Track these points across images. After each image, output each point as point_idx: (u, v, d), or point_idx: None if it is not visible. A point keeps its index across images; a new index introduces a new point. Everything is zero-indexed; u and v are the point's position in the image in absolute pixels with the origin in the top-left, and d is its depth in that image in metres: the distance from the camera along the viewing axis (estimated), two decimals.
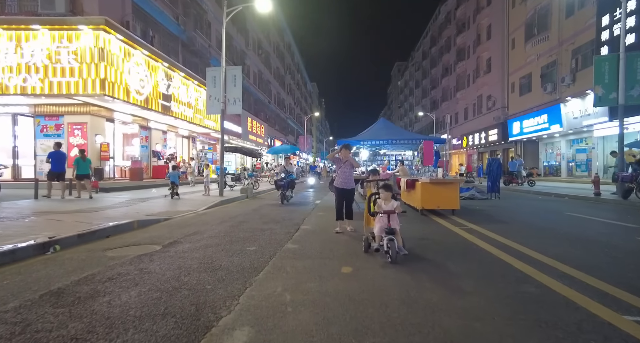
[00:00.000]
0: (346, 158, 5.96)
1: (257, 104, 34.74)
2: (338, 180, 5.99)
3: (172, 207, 9.31)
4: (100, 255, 4.37)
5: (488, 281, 3.29)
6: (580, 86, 18.59)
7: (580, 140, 21.15)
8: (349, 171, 5.96)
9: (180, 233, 5.85)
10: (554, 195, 13.17)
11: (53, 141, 13.82)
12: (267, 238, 5.40)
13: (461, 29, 38.92)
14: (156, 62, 15.51)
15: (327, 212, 8.73)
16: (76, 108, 13.66)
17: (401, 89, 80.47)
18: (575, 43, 19.19)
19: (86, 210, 8.00)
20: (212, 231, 5.98)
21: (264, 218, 7.75)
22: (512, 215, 7.90)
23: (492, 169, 11.77)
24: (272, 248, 4.67)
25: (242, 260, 4.05)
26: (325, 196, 13.85)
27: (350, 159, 6.07)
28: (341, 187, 5.94)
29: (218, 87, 12.33)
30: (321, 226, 6.59)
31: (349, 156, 6.01)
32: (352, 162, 6.11)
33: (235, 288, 3.10)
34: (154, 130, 18.55)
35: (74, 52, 11.89)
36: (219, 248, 4.72)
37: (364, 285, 3.18)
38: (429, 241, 5.15)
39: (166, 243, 5.10)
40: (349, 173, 5.96)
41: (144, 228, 6.50)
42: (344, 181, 5.94)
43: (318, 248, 4.67)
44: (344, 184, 5.94)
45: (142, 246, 4.89)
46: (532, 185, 17.91)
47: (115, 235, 5.71)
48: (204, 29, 22.45)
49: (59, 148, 10.48)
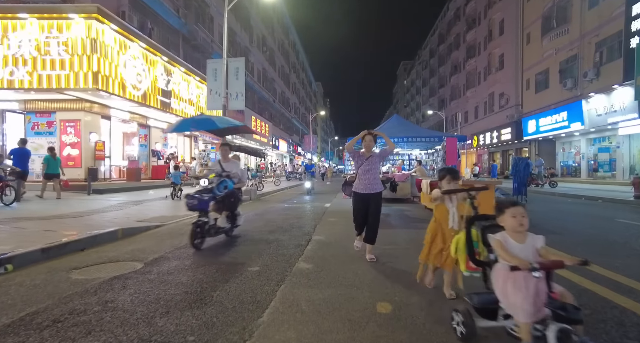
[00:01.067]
0: (370, 152, 4.31)
1: (261, 102, 33.86)
2: (359, 183, 4.25)
3: (167, 211, 8.39)
4: (63, 277, 3.43)
5: (592, 331, 2.30)
6: (605, 81, 17.43)
7: (603, 139, 19.96)
8: (375, 170, 4.26)
9: (170, 245, 4.91)
10: (584, 198, 12.08)
11: (45, 139, 13.11)
12: (273, 252, 4.43)
13: (471, 25, 37.76)
14: (155, 56, 14.64)
15: (341, 217, 7.76)
16: (69, 104, 12.81)
17: (407, 88, 79.25)
18: (599, 35, 18.01)
19: (69, 215, 7.09)
20: (207, 243, 5.02)
21: (269, 225, 6.79)
22: (559, 223, 6.81)
23: (518, 169, 10.71)
24: (280, 269, 3.70)
25: (242, 288, 3.09)
26: (334, 199, 12.87)
27: (378, 153, 4.44)
28: (362, 192, 4.20)
29: (219, 81, 11.43)
30: (336, 236, 5.61)
31: (373, 147, 4.33)
32: (381, 154, 4.52)
33: (228, 341, 2.14)
34: (154, 128, 17.68)
35: (64, 43, 11.03)
36: (212, 268, 3.77)
37: (417, 336, 2.20)
38: None
39: (150, 259, 4.16)
40: (374, 172, 4.25)
41: (130, 237, 5.58)
42: (368, 184, 4.19)
43: (338, 270, 3.68)
44: (367, 187, 4.18)
45: (120, 264, 3.96)
46: (553, 186, 16.81)
47: (93, 247, 4.78)
48: (206, 24, 21.58)
49: (23, 145, 9.63)
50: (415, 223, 7.09)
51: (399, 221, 7.36)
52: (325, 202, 11.41)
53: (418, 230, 6.11)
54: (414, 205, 10.11)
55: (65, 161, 12.87)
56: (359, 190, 4.26)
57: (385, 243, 4.92)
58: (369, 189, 4.21)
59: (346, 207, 9.95)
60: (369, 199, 4.20)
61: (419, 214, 8.34)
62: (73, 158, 12.96)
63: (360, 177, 4.27)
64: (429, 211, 8.84)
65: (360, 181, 4.26)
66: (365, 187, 4.22)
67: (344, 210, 9.09)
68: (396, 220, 7.42)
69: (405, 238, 5.49)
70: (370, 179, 4.21)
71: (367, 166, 4.22)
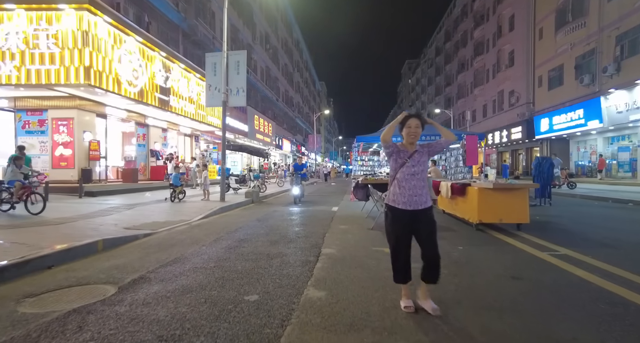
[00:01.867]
0: (415, 146, 2.84)
1: (264, 101, 33.14)
2: (398, 193, 2.76)
3: (161, 216, 7.67)
4: (6, 311, 2.68)
5: None
6: (626, 76, 16.49)
7: (623, 137, 19.02)
8: (423, 173, 2.81)
9: (156, 261, 4.17)
10: (611, 200, 11.20)
11: (36, 138, 12.46)
12: (276, 273, 3.67)
13: (479, 22, 36.80)
14: (152, 52, 13.93)
15: (352, 224, 6.99)
16: (62, 102, 12.13)
17: (412, 87, 78.25)
18: (620, 28, 17.07)
19: (49, 222, 6.38)
20: (200, 258, 4.28)
21: (271, 233, 6.03)
22: (605, 232, 5.92)
23: (542, 169, 9.87)
24: (285, 298, 2.93)
25: (234, 331, 2.32)
26: (342, 201, 12.10)
27: (427, 147, 2.90)
28: (404, 207, 2.71)
29: (219, 76, 10.69)
30: (350, 249, 4.83)
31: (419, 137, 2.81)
32: (433, 149, 2.93)
33: None
34: (152, 127, 17.00)
35: (54, 36, 10.34)
36: (201, 295, 3.01)
37: None
38: (527, 284, 3.34)
39: (127, 280, 3.42)
40: (423, 176, 2.80)
41: (111, 249, 4.85)
42: (413, 195, 2.71)
43: (360, 301, 2.90)
44: (413, 200, 2.71)
45: (88, 289, 3.22)
46: (572, 187, 15.90)
47: (64, 263, 4.06)
48: (207, 19, 20.88)
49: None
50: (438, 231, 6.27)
51: None
52: (332, 205, 10.63)
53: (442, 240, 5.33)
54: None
55: (57, 162, 12.26)
56: (398, 205, 2.71)
57: None
58: (415, 203, 2.69)
59: (356, 211, 9.21)
60: (416, 219, 2.69)
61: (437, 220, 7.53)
62: (66, 158, 12.29)
63: (400, 184, 2.75)
64: (447, 216, 8.05)
65: (401, 190, 2.73)
66: (409, 199, 2.69)
67: (355, 215, 8.32)
68: None
69: None
70: (417, 188, 2.72)
71: (412, 167, 2.74)
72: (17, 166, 7.74)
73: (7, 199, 7.45)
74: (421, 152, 2.83)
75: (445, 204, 7.59)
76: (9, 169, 7.75)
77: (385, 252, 4.58)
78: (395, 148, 2.85)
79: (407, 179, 2.75)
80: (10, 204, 7.46)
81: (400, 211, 2.73)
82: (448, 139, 2.97)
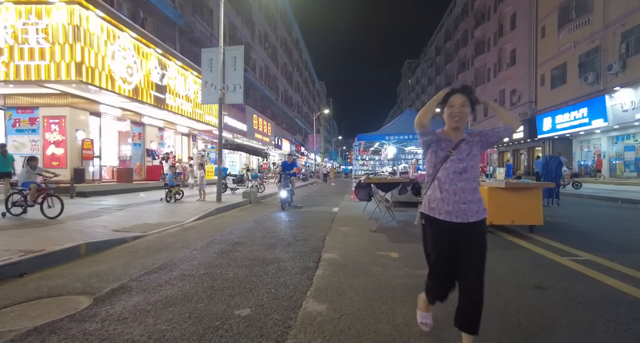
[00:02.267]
0: (459, 131, 2.08)
1: (263, 100, 32.78)
2: (440, 197, 2.01)
3: (153, 217, 7.30)
4: None
5: None
6: (632, 74, 16.17)
7: (628, 136, 18.68)
8: (474, 169, 2.03)
9: (141, 267, 3.81)
10: (621, 201, 10.86)
11: (27, 137, 12.10)
12: (271, 281, 3.30)
13: (480, 21, 36.48)
14: (148, 48, 13.57)
15: (353, 225, 6.63)
16: (53, 99, 11.78)
17: (412, 87, 77.96)
18: (626, 25, 16.73)
19: (33, 223, 6.03)
20: (189, 264, 3.92)
21: (268, 235, 5.67)
22: (621, 234, 5.49)
23: (549, 169, 9.53)
24: (281, 313, 2.57)
25: None
26: (342, 201, 11.73)
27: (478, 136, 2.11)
28: (449, 219, 1.96)
29: (215, 72, 10.33)
30: (352, 253, 4.47)
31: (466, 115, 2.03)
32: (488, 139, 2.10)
33: None
34: (149, 126, 16.64)
35: (44, 31, 9.98)
36: (186, 309, 2.65)
37: None
38: (554, 296, 2.97)
39: (106, 290, 3.06)
40: (473, 175, 2.02)
41: (95, 254, 4.49)
42: (460, 202, 1.96)
43: (366, 317, 2.54)
44: (460, 208, 1.95)
45: (60, 300, 2.86)
46: (577, 188, 15.58)
47: (40, 270, 3.69)
48: (205, 16, 20.52)
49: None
50: None
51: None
52: (332, 206, 10.27)
53: None
54: None
55: (48, 161, 11.89)
56: (440, 214, 1.98)
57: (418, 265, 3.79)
58: (463, 213, 1.94)
59: (357, 212, 8.84)
60: (465, 233, 1.95)
61: None
62: (57, 157, 11.93)
63: (442, 186, 2.00)
64: None
65: (444, 194, 1.98)
66: (455, 208, 1.95)
67: (356, 216, 7.96)
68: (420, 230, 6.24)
69: None
70: (465, 192, 1.96)
71: (459, 163, 1.99)
72: (31, 167, 7.17)
73: (20, 202, 6.86)
74: (471, 142, 2.04)
75: None
76: (24, 170, 7.15)
77: (391, 257, 4.24)
78: (434, 137, 2.07)
79: (451, 180, 1.97)
80: (22, 207, 6.87)
81: (443, 224, 1.97)
82: (510, 126, 2.07)
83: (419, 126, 2.10)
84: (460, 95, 2.02)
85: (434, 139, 2.08)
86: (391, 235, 5.68)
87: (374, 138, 11.10)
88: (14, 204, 6.85)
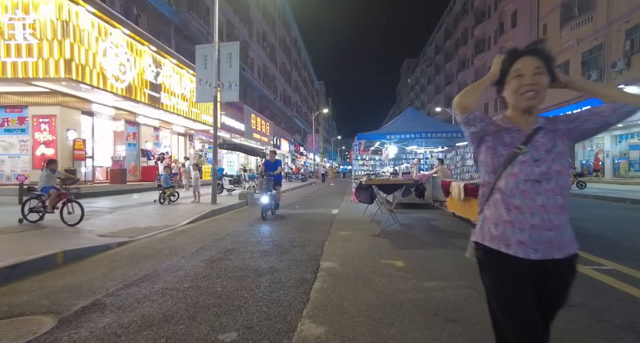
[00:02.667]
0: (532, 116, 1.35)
1: (261, 100, 32.41)
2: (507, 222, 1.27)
3: (144, 221, 6.94)
4: None
5: None
6: (637, 71, 15.84)
7: (632, 135, 18.38)
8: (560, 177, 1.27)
9: (121, 279, 3.45)
10: (629, 201, 10.53)
11: (16, 137, 11.71)
12: (263, 297, 2.94)
13: (480, 19, 36.21)
14: (142, 46, 13.19)
15: (354, 229, 6.26)
16: (43, 98, 11.38)
17: (411, 86, 77.69)
18: (630, 21, 16.41)
19: (9, 229, 5.65)
20: (174, 275, 3.56)
21: (263, 241, 5.31)
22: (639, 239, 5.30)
23: None
24: (272, 338, 2.21)
25: None
26: (342, 202, 11.38)
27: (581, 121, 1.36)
28: (525, 256, 1.23)
29: (210, 69, 9.97)
30: (354, 262, 4.11)
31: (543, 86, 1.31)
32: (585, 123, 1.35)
33: None
34: (143, 126, 16.24)
35: (31, 26, 9.58)
36: (163, 332, 2.29)
37: None
38: (585, 314, 2.63)
39: (74, 310, 2.69)
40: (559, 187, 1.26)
41: (74, 262, 4.14)
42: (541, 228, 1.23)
43: (371, 342, 2.19)
44: (540, 239, 1.23)
45: (19, 322, 2.49)
46: (582, 188, 15.24)
47: (7, 283, 3.33)
48: (201, 14, 20.12)
49: None
50: (450, 238, 5.56)
51: (429, 235, 5.83)
52: (331, 208, 9.91)
53: (458, 249, 4.63)
54: (437, 212, 8.58)
55: (38, 162, 11.46)
56: (509, 246, 1.26)
57: (426, 275, 3.44)
58: (548, 244, 1.24)
59: (358, 214, 8.48)
60: (546, 274, 1.27)
61: (448, 224, 6.81)
62: (47, 157, 11.51)
63: (509, 201, 1.28)
64: (458, 219, 7.34)
65: (512, 213, 1.27)
66: (533, 236, 1.24)
67: (357, 219, 7.59)
68: (425, 234, 5.90)
69: (448, 264, 3.96)
70: (549, 209, 1.24)
71: (535, 165, 1.28)
72: (51, 171, 6.67)
73: (38, 207, 6.38)
74: (553, 132, 1.34)
75: (457, 206, 6.88)
76: (43, 173, 6.63)
77: (396, 266, 3.88)
78: (489, 125, 1.36)
79: (523, 192, 1.26)
80: (40, 214, 6.40)
81: (515, 262, 1.25)
82: (622, 102, 1.29)
83: (461, 108, 1.33)
84: (532, 58, 1.31)
85: (489, 130, 1.35)
86: (394, 240, 5.33)
87: (375, 136, 10.75)
88: (32, 210, 6.37)
